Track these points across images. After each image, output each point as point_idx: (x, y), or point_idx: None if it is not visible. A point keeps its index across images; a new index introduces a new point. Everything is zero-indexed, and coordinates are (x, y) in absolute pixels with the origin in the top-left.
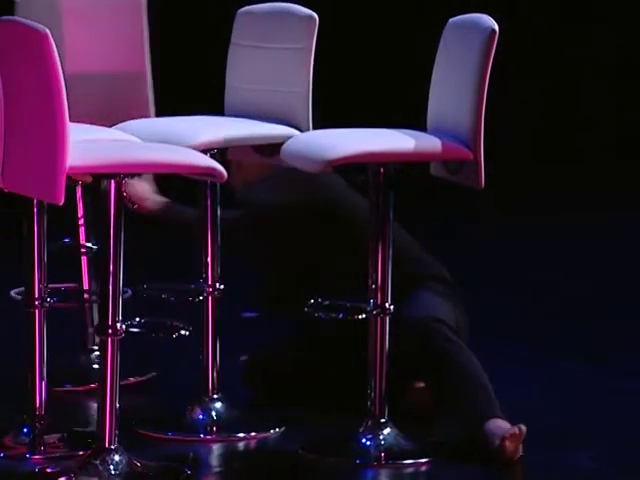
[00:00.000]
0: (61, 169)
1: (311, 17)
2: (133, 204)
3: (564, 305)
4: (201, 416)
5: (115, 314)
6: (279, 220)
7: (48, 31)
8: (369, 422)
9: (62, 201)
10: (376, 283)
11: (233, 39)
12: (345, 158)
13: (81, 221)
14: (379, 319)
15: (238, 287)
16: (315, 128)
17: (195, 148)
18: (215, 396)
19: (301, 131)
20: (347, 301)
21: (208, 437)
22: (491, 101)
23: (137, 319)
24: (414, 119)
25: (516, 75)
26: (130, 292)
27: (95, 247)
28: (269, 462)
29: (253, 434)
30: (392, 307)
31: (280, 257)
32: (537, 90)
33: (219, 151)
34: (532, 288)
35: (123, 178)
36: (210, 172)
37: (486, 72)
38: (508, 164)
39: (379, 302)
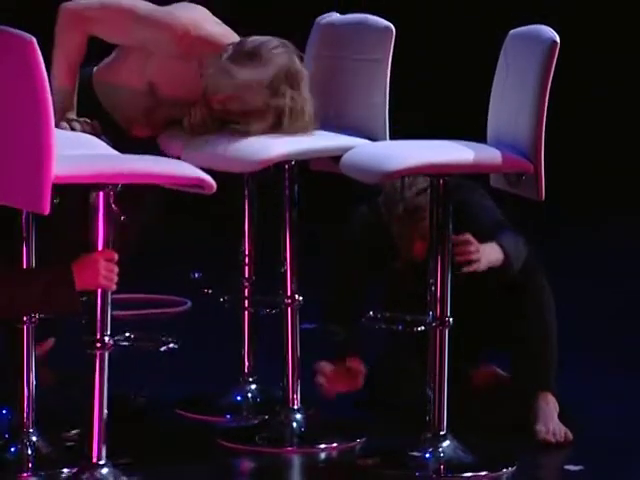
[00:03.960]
0: (47, 178)
1: (388, 28)
2: (121, 216)
3: (631, 315)
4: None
5: (104, 328)
6: None
7: (34, 38)
8: (429, 434)
9: (48, 211)
10: (435, 295)
11: (315, 50)
12: (405, 170)
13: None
14: (438, 331)
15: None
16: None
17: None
18: (296, 407)
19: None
20: (406, 314)
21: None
22: (553, 112)
23: (126, 334)
24: (474, 131)
25: (579, 86)
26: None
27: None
28: (328, 473)
29: (322, 446)
30: (451, 319)
31: None
32: (600, 101)
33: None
34: (596, 297)
35: (111, 189)
36: (198, 183)
37: (547, 83)
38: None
39: (438, 314)
